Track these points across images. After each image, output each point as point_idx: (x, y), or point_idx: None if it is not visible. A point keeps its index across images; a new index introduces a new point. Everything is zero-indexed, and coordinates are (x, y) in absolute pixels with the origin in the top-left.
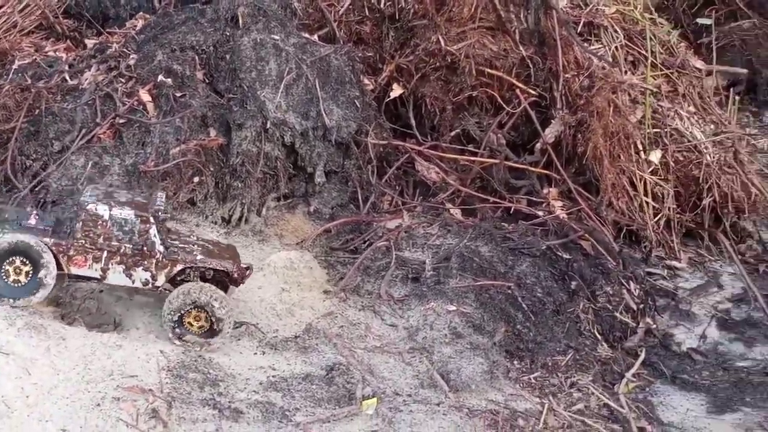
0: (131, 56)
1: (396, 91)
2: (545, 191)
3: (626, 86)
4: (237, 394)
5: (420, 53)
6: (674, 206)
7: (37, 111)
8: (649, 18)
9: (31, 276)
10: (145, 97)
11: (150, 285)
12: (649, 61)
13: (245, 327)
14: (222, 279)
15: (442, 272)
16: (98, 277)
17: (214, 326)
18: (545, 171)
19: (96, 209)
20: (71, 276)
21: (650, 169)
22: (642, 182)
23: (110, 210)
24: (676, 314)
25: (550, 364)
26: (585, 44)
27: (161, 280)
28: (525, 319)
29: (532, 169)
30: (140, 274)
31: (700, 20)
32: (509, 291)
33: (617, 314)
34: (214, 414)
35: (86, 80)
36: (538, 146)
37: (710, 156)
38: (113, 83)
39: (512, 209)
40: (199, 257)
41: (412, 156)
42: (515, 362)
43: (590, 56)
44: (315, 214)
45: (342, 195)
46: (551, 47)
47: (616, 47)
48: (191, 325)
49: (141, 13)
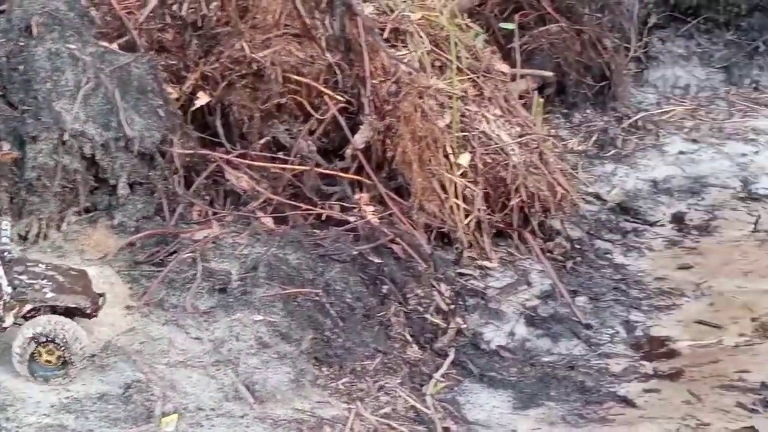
0: None
1: (201, 100)
2: (357, 197)
3: (433, 91)
4: (26, 419)
5: (225, 61)
6: (484, 207)
7: None
8: (458, 23)
9: None
10: None
11: None
12: (455, 66)
13: None
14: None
15: (250, 282)
16: None
17: (67, 359)
18: (356, 176)
19: None
20: None
21: (460, 172)
22: (452, 185)
23: None
24: (486, 313)
25: (359, 369)
26: (391, 50)
27: (9, 321)
28: (333, 326)
29: (343, 175)
30: None
31: (503, 25)
32: (317, 298)
33: (428, 316)
34: None
35: None
36: (349, 152)
37: (517, 157)
38: None
39: (324, 216)
40: (49, 295)
41: (221, 165)
42: (324, 369)
43: (396, 62)
44: (119, 228)
45: (148, 207)
46: (357, 53)
47: (423, 53)
48: (42, 358)
49: None
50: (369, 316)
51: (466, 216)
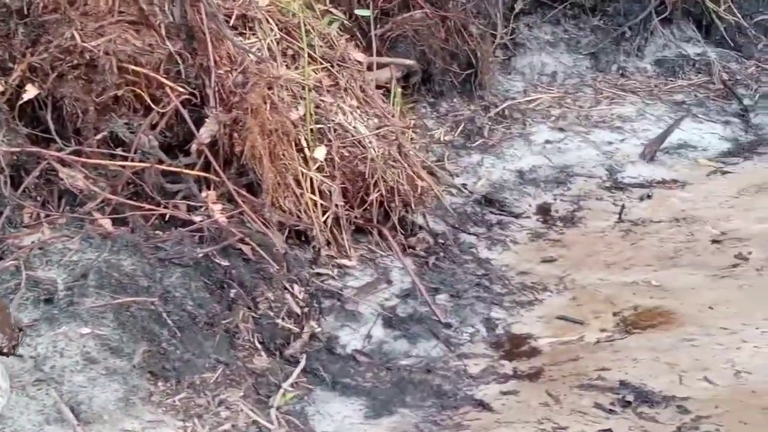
0: None
1: (30, 93)
2: (203, 195)
3: (283, 81)
4: None
5: (54, 51)
6: (342, 203)
7: None
8: (313, 10)
9: None
10: None
11: None
12: (306, 55)
13: None
14: None
15: (78, 291)
16: None
17: None
18: (203, 173)
19: None
20: None
21: (315, 167)
22: (307, 180)
23: None
24: (342, 315)
25: (198, 383)
26: (238, 38)
27: None
28: (171, 336)
29: (188, 172)
30: None
31: (359, 12)
32: (153, 307)
33: (279, 321)
34: None
35: None
36: (194, 147)
37: (375, 150)
38: None
39: (168, 216)
40: None
41: (52, 163)
42: (159, 384)
43: (243, 51)
44: None
45: None
46: (201, 42)
47: (272, 41)
48: None
49: None
50: (213, 324)
51: (324, 212)
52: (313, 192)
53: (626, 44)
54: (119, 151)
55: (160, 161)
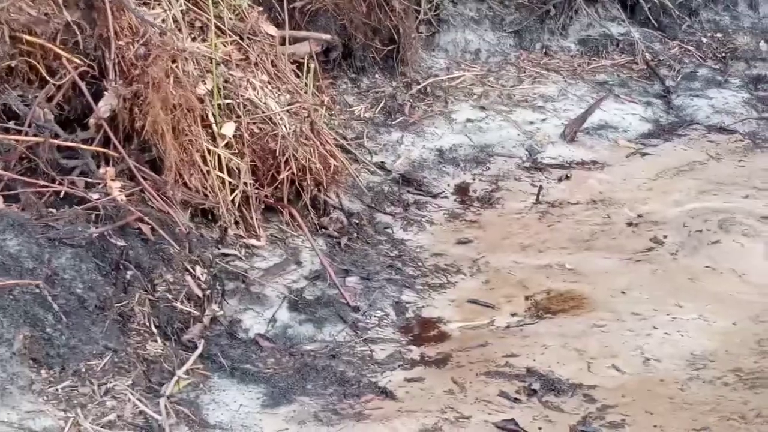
0: None
1: None
2: (102, 171)
3: (188, 54)
4: None
5: None
6: (252, 181)
7: None
8: None
9: None
10: None
11: None
12: (213, 26)
13: None
14: None
15: None
16: None
17: None
18: (101, 149)
19: None
20: None
21: (224, 143)
22: (215, 157)
23: None
24: (246, 298)
25: (84, 371)
26: (141, 8)
27: None
28: (56, 321)
29: (86, 147)
30: None
31: None
32: (38, 290)
33: (178, 304)
34: None
35: None
36: (92, 121)
37: (286, 127)
38: None
39: (63, 193)
40: None
41: None
42: (42, 372)
43: (145, 22)
44: None
45: None
46: (100, 11)
47: (178, 11)
48: None
49: None
50: (104, 308)
51: (232, 191)
52: (221, 169)
53: (551, 23)
54: (12, 125)
55: (56, 135)
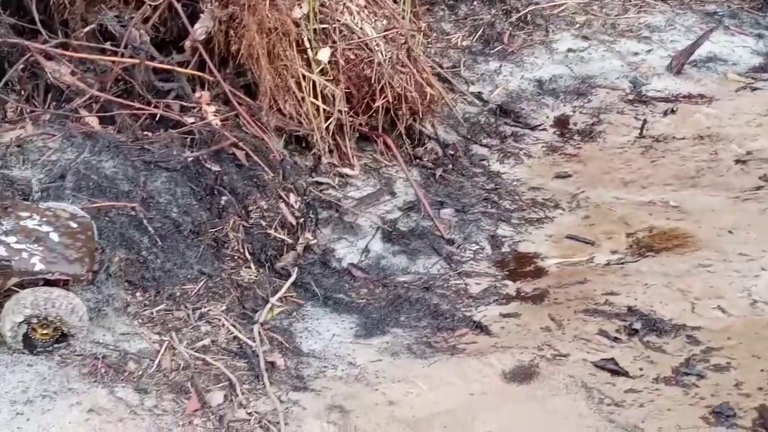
0: None
1: None
2: (197, 95)
3: None
4: None
5: None
6: (346, 109)
7: None
8: None
9: None
10: None
11: None
12: None
13: None
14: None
15: (53, 194)
16: None
17: (66, 333)
18: (197, 72)
19: None
20: None
21: (319, 69)
22: (309, 83)
23: None
24: (340, 227)
25: (179, 295)
26: None
27: None
28: (152, 245)
29: (181, 70)
30: None
31: None
32: (134, 212)
33: (271, 231)
34: None
35: None
36: (188, 44)
37: (382, 54)
38: None
39: (158, 116)
40: (38, 267)
41: (37, 56)
42: (138, 294)
43: None
44: None
45: None
46: None
47: None
48: (37, 334)
49: None
50: (198, 233)
51: (326, 118)
52: (316, 96)
53: None
54: (108, 46)
55: (152, 57)
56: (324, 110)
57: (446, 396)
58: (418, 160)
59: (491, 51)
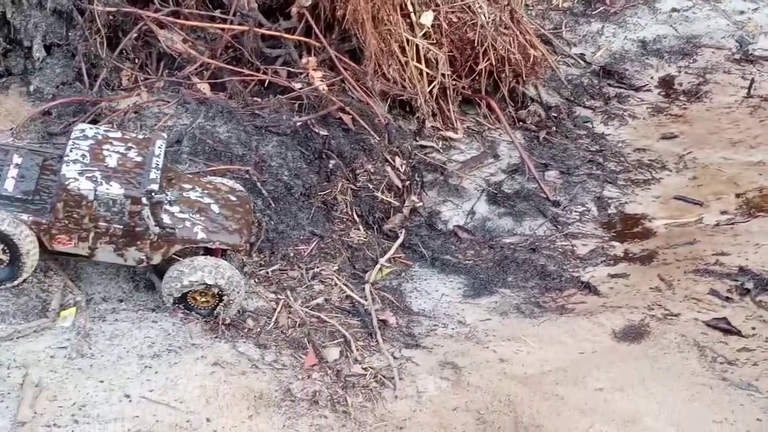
0: None
1: None
2: (304, 61)
3: None
4: None
5: None
6: (449, 72)
7: None
8: None
9: (9, 261)
10: None
11: (145, 264)
12: None
13: None
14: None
15: (171, 157)
16: (86, 255)
17: (223, 300)
18: (303, 38)
19: (79, 189)
20: (54, 253)
21: (422, 33)
22: (413, 47)
23: (96, 189)
24: (445, 190)
25: (292, 255)
26: None
27: (157, 260)
28: (265, 207)
29: (289, 37)
30: (133, 254)
31: None
32: (247, 176)
33: (378, 194)
34: None
35: None
36: (294, 10)
37: (485, 16)
38: None
39: (267, 82)
40: (200, 236)
41: (149, 25)
42: (254, 255)
43: None
44: (35, 95)
45: (67, 71)
46: None
47: None
48: (195, 300)
49: None
50: (309, 196)
51: (430, 82)
52: (419, 60)
53: None
54: (218, 13)
55: (260, 24)
56: (427, 74)
57: (556, 354)
58: (522, 123)
59: (593, 12)
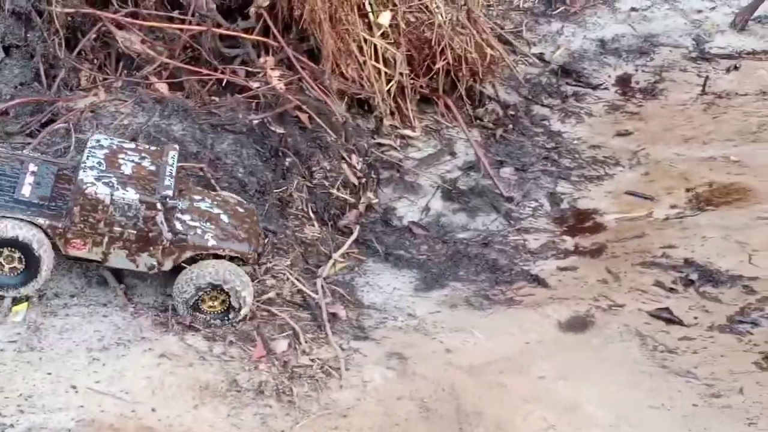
0: None
1: None
2: (262, 60)
3: None
4: None
5: None
6: (407, 71)
7: None
8: None
9: (25, 267)
10: None
11: (156, 270)
12: None
13: None
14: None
15: None
16: (99, 260)
17: (234, 306)
18: (261, 38)
19: (96, 193)
20: (69, 257)
21: (380, 33)
22: (371, 47)
23: (112, 194)
24: (401, 186)
25: None
26: None
27: (168, 266)
28: None
29: (247, 37)
30: (145, 260)
31: None
32: (202, 173)
33: (334, 191)
34: None
35: None
36: (252, 11)
37: (442, 15)
38: None
39: (225, 81)
40: (211, 243)
41: (108, 26)
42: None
43: None
44: None
45: (26, 72)
46: None
47: None
48: (205, 304)
49: None
50: (264, 193)
51: (388, 81)
52: (377, 59)
53: None
54: (176, 14)
55: (218, 25)
56: (385, 73)
57: (502, 344)
58: (479, 121)
59: (554, 12)
